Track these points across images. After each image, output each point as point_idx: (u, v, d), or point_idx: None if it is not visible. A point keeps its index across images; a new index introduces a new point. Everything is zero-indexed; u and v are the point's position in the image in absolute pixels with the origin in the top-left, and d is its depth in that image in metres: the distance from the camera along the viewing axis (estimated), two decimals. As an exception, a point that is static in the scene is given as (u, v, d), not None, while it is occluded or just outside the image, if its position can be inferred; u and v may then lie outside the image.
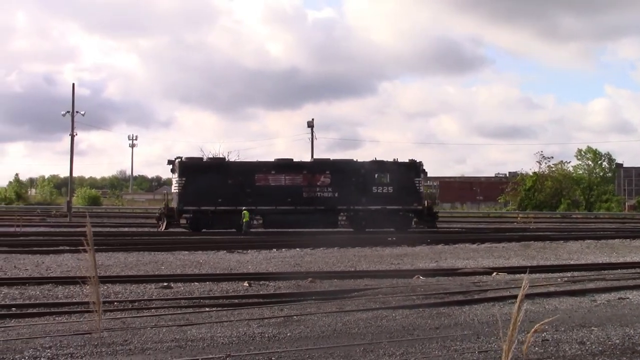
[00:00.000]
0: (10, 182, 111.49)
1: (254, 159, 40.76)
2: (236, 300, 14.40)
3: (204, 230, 36.95)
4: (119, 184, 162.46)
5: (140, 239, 31.24)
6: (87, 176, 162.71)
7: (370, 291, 15.49)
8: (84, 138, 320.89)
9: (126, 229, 37.55)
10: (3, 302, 13.83)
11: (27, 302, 13.95)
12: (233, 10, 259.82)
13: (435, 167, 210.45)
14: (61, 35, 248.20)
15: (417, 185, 39.83)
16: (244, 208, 36.57)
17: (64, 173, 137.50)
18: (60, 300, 14.19)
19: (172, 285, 16.35)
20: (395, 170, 39.57)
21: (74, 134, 59.30)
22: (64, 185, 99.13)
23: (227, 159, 40.14)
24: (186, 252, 25.37)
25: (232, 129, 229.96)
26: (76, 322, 11.77)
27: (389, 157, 41.02)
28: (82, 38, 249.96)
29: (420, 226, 40.27)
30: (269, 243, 29.15)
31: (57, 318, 12.29)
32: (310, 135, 56.32)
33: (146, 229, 40.01)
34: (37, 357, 9.03)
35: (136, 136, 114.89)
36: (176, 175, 37.95)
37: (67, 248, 25.68)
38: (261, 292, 15.69)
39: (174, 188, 38.69)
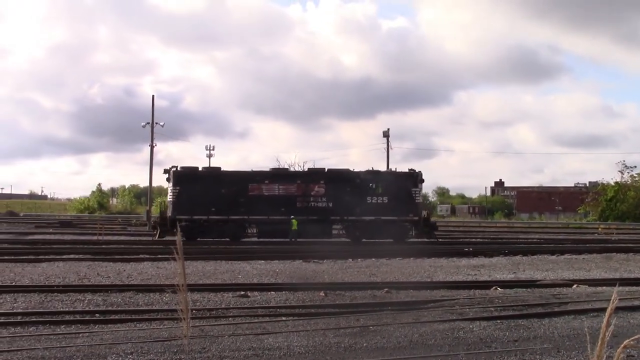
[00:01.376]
0: (92, 192, 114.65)
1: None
2: (312, 310, 14.44)
3: (198, 239, 37.04)
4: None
5: (216, 248, 31.66)
6: (165, 186, 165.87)
7: (447, 302, 15.32)
8: (163, 148, 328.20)
9: (205, 239, 38.07)
10: (87, 309, 14.22)
11: (110, 308, 14.30)
12: (307, 21, 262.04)
13: (512, 177, 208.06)
14: (140, 48, 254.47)
15: (414, 195, 39.05)
16: (292, 217, 36.90)
17: (143, 183, 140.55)
18: (141, 308, 14.50)
19: (249, 294, 16.52)
20: (391, 180, 39.08)
21: (154, 144, 60.69)
22: (144, 195, 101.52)
23: (222, 169, 40.11)
24: (263, 261, 25.58)
25: (307, 139, 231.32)
26: (156, 329, 12.01)
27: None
28: (160, 51, 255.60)
29: (419, 237, 39.50)
30: (345, 253, 29.15)
31: (138, 325, 12.55)
32: (385, 145, 56.03)
33: (224, 239, 40.54)
34: (120, 363, 9.26)
35: (213, 146, 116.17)
36: (171, 184, 38.56)
37: (147, 256, 26.28)
38: (337, 302, 15.68)
39: (169, 197, 39.12)
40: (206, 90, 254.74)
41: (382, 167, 50.49)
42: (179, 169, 38.61)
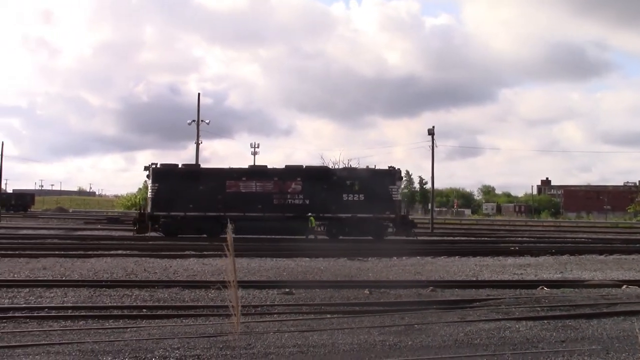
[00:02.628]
0: (139, 189, 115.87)
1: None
2: (357, 308, 14.43)
3: (179, 235, 37.30)
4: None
5: (261, 245, 31.81)
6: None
7: (493, 301, 15.20)
8: (208, 146, 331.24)
9: (249, 235, 38.28)
10: (135, 304, 14.43)
11: (157, 304, 14.48)
12: (351, 19, 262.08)
13: (559, 176, 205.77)
14: (185, 46, 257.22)
15: (392, 193, 38.69)
16: (309, 214, 37.02)
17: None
18: (187, 304, 14.66)
19: (294, 291, 16.59)
20: (368, 178, 38.70)
21: (200, 142, 61.21)
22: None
23: (201, 166, 40.69)
24: (307, 258, 25.66)
25: (351, 137, 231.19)
26: (202, 325, 12.12)
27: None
28: (204, 49, 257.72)
29: (398, 235, 39.09)
30: (390, 251, 29.09)
31: (184, 320, 12.68)
32: (430, 143, 55.70)
33: (268, 236, 40.74)
34: (167, 357, 9.37)
35: (258, 144, 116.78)
36: (150, 181, 39.10)
37: (193, 253, 26.54)
38: (382, 300, 15.67)
39: (149, 194, 39.67)
40: (250, 88, 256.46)
41: (427, 165, 50.18)
42: (158, 166, 39.14)
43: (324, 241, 36.73)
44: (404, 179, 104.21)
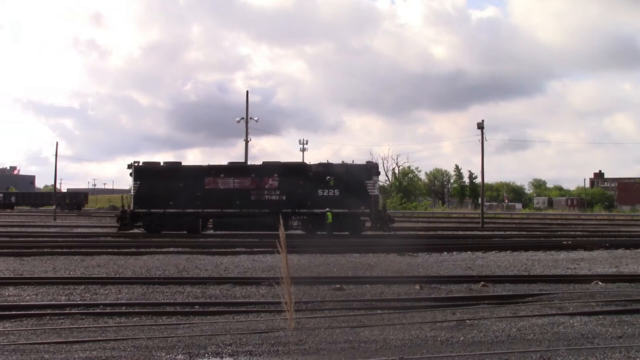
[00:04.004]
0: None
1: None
2: (408, 303, 14.36)
3: (163, 232, 37.93)
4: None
5: (309, 241, 31.90)
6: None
7: (545, 296, 15.00)
8: (256, 143, 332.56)
9: (298, 232, 38.45)
10: (187, 300, 14.59)
11: (208, 300, 14.60)
12: (396, 14, 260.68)
13: (612, 168, 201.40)
14: (232, 45, 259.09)
15: (367, 188, 38.22)
16: (327, 210, 36.89)
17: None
18: (239, 300, 14.76)
19: (344, 287, 16.59)
20: (343, 173, 38.44)
21: (248, 139, 61.57)
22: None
23: (181, 164, 41.02)
24: (357, 254, 25.65)
25: (399, 132, 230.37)
26: (254, 321, 12.21)
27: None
28: (251, 47, 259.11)
29: (375, 230, 38.76)
30: (440, 246, 28.95)
31: (235, 317, 12.78)
32: (479, 137, 55.07)
33: (317, 232, 40.86)
34: (219, 353, 9.47)
35: (306, 140, 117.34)
36: (132, 179, 39.74)
37: (244, 249, 26.73)
38: (433, 295, 15.60)
39: (131, 191, 40.27)
40: (297, 85, 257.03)
41: (477, 159, 49.57)
42: (141, 164, 39.86)
43: (373, 237, 36.67)
44: (450, 174, 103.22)
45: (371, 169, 39.05)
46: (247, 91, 63.87)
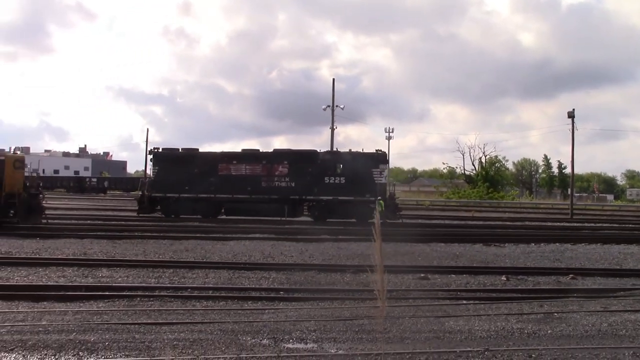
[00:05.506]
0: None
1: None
2: (494, 294, 14.20)
3: (181, 216, 38.71)
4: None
5: (394, 230, 31.80)
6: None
7: (639, 291, 14.56)
8: (342, 131, 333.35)
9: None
10: (272, 286, 14.77)
11: (293, 287, 14.75)
12: (483, 1, 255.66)
13: None
14: (318, 33, 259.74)
15: (373, 176, 37.83)
16: (379, 198, 36.58)
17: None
18: (323, 287, 14.84)
19: (429, 276, 16.50)
20: (349, 161, 38.22)
21: (334, 127, 61.74)
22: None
23: (199, 150, 42.13)
24: (442, 244, 25.44)
25: (485, 120, 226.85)
26: (338, 309, 12.26)
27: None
28: (336, 35, 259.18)
29: (382, 218, 37.31)
30: (528, 237, 28.44)
31: (320, 303, 12.86)
32: (569, 126, 53.69)
33: (402, 220, 40.73)
34: (304, 339, 9.55)
35: (392, 129, 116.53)
36: (151, 164, 41.30)
37: (328, 237, 26.84)
38: (519, 287, 15.36)
39: (151, 176, 41.50)
40: (382, 73, 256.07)
41: (566, 149, 48.40)
42: (160, 150, 41.20)
43: (457, 227, 36.31)
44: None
45: (378, 157, 39.04)
46: (334, 79, 64.66)
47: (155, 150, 41.19)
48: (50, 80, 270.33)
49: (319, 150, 39.95)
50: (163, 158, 40.37)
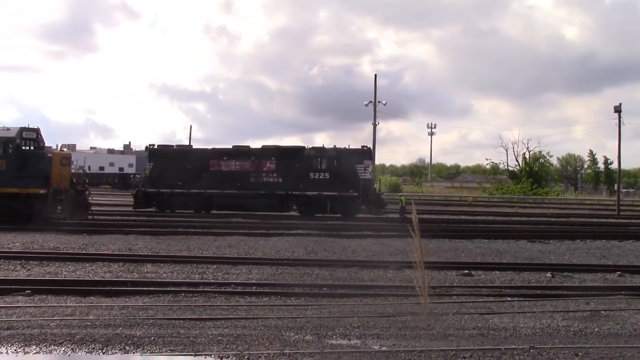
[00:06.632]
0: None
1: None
2: (539, 291, 14.06)
3: (177, 211, 39.38)
4: (417, 171, 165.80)
5: (439, 226, 31.65)
6: (387, 164, 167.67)
7: (688, 289, 14.29)
8: (383, 127, 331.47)
9: (426, 216, 38.18)
10: (315, 282, 14.78)
11: (336, 283, 14.76)
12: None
13: None
14: (358, 29, 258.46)
15: (357, 172, 37.81)
16: (400, 194, 36.19)
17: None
18: (366, 283, 14.83)
19: (473, 273, 16.39)
20: (334, 157, 38.54)
21: (376, 123, 61.59)
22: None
23: (192, 147, 43.67)
24: (486, 240, 25.22)
25: (529, 116, 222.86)
26: (381, 305, 12.25)
27: None
28: (377, 31, 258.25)
29: (366, 213, 38.48)
30: (573, 234, 28.07)
31: (363, 300, 12.86)
32: (616, 121, 52.71)
33: (446, 217, 40.47)
34: (347, 335, 9.56)
35: (434, 124, 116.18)
36: (147, 160, 42.37)
37: (371, 233, 26.80)
38: (565, 284, 15.17)
39: (146, 172, 41.96)
40: (424, 69, 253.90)
41: (612, 144, 47.68)
42: (155, 147, 42.01)
43: (501, 222, 36.01)
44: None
45: (362, 153, 39.29)
46: (375, 75, 63.98)
47: (151, 146, 42.18)
48: (95, 78, 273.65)
49: (305, 146, 40.42)
50: (158, 154, 41.36)
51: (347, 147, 39.91)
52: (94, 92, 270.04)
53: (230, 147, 42.06)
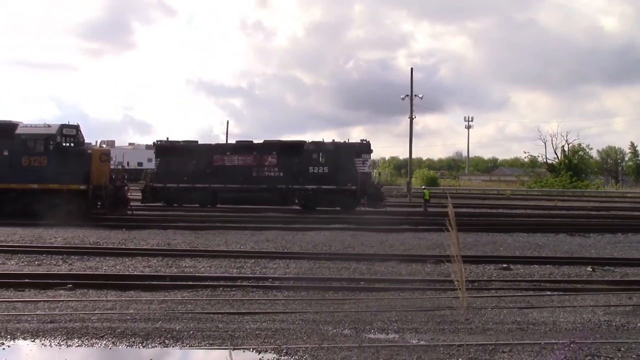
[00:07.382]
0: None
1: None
2: (579, 285, 13.90)
3: (183, 205, 39.99)
4: (454, 165, 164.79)
5: (477, 220, 31.44)
6: (424, 158, 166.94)
7: None
8: (420, 120, 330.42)
9: (463, 210, 37.99)
10: (352, 276, 14.78)
11: (374, 277, 14.74)
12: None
13: None
14: (393, 23, 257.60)
15: (356, 165, 38.06)
16: (423, 187, 35.80)
17: (402, 155, 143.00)
18: (404, 277, 14.78)
19: (512, 266, 16.25)
20: (332, 151, 38.90)
21: (413, 116, 61.30)
22: (404, 167, 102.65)
23: (198, 142, 44.12)
24: (524, 234, 24.98)
25: (567, 108, 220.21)
26: (419, 299, 12.20)
27: None
28: (412, 25, 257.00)
29: (365, 207, 38.36)
30: (614, 227, 27.68)
31: (401, 294, 12.82)
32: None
33: (483, 210, 40.16)
34: (385, 330, 9.55)
35: (472, 117, 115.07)
36: (154, 156, 43.16)
37: (408, 227, 26.73)
38: (606, 278, 14.97)
39: (154, 167, 42.79)
40: (460, 62, 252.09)
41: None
42: (162, 142, 42.69)
43: (540, 216, 35.64)
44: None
45: (360, 147, 39.37)
46: (412, 68, 63.90)
47: (158, 142, 42.93)
48: (133, 75, 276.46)
49: (306, 141, 40.52)
50: (164, 150, 41.89)
51: (346, 141, 40.49)
52: (132, 89, 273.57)
53: (234, 142, 43.21)
